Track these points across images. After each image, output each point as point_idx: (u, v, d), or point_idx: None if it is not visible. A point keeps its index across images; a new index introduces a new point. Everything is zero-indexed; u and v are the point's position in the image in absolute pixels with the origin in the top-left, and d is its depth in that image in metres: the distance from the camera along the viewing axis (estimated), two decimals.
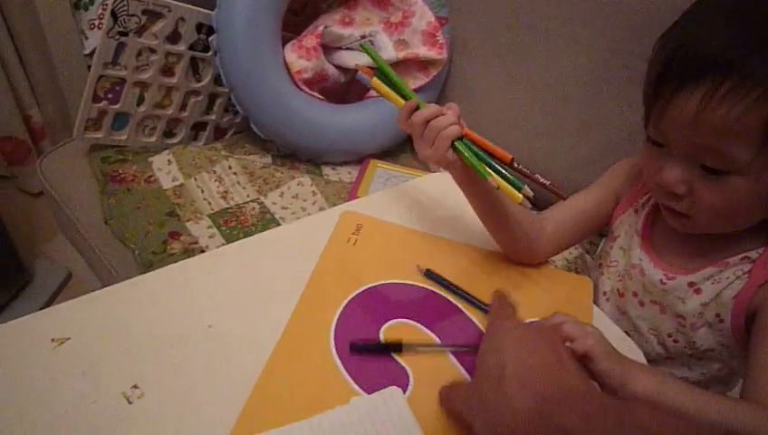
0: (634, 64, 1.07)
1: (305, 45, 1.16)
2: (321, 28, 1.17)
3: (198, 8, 1.11)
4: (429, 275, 0.66)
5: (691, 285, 0.63)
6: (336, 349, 0.59)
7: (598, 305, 0.71)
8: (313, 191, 1.13)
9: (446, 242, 0.74)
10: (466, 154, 0.60)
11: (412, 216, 0.77)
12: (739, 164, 0.51)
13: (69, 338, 0.58)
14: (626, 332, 0.67)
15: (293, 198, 1.11)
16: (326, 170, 1.22)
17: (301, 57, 1.15)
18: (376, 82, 0.64)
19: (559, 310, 0.59)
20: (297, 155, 1.22)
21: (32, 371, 0.55)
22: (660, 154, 0.57)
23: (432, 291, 0.67)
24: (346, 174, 1.22)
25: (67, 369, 0.55)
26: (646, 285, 0.67)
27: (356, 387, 0.56)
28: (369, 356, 0.59)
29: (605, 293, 0.73)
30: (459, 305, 0.66)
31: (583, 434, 0.37)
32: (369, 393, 0.55)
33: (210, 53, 1.15)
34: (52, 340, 0.58)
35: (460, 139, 0.60)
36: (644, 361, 0.62)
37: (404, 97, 0.63)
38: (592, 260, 0.99)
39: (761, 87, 0.48)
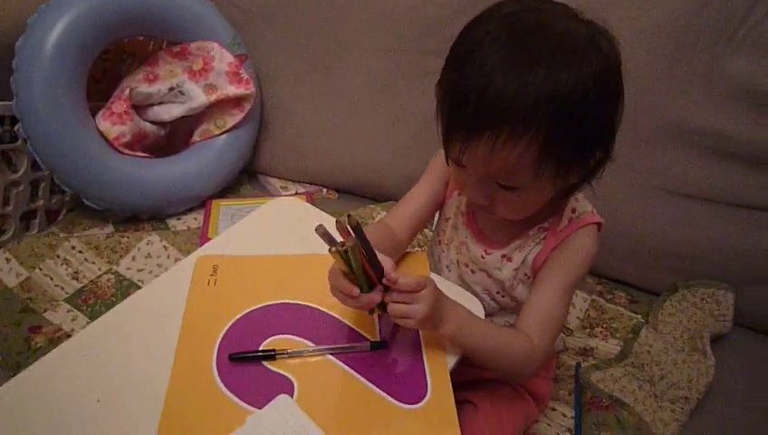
0: (423, 60, 1.24)
1: (115, 111, 1.18)
2: (126, 91, 1.20)
3: None
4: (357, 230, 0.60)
5: (504, 256, 0.78)
6: (221, 380, 0.66)
7: (441, 275, 0.84)
8: (164, 246, 1.16)
9: (297, 258, 0.82)
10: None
11: (262, 243, 0.85)
12: (523, 183, 0.64)
13: None
14: None
15: (146, 257, 1.14)
16: (171, 222, 1.25)
17: (114, 123, 1.17)
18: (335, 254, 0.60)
19: None
20: (138, 216, 1.24)
21: None
22: (462, 172, 0.69)
23: (302, 305, 0.75)
24: (192, 221, 1.26)
25: None
26: (472, 258, 0.81)
27: (247, 407, 0.63)
28: (250, 370, 0.67)
29: (447, 266, 0.86)
30: (329, 312, 0.74)
31: None
32: (261, 408, 0.62)
33: (20, 142, 1.14)
34: None
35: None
36: (482, 310, 0.76)
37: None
38: (430, 232, 1.13)
39: (528, 133, 0.60)
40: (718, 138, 1.02)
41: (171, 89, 1.25)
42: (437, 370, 0.68)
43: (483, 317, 0.75)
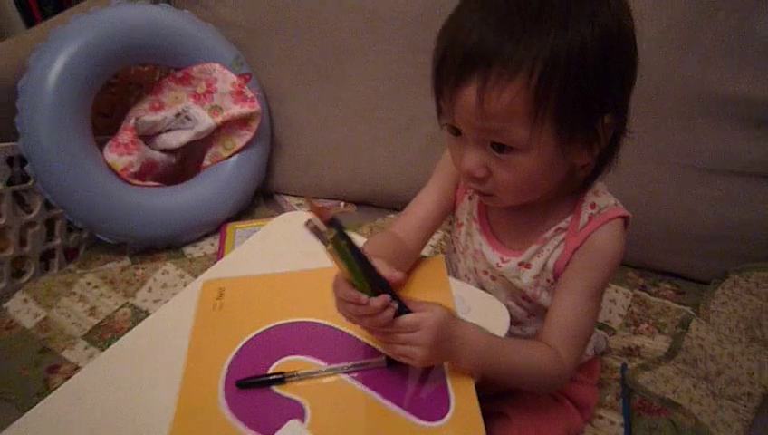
0: (430, 62, 1.18)
1: (121, 142, 1.16)
2: (132, 121, 1.18)
3: (2, 144, 1.08)
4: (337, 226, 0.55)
5: (521, 263, 0.71)
6: (229, 408, 0.61)
7: None
8: (180, 274, 1.13)
9: (304, 274, 0.77)
10: None
11: (269, 261, 0.81)
12: (520, 141, 0.58)
13: None
14: None
15: (162, 288, 1.10)
16: (188, 250, 1.22)
17: (121, 154, 1.15)
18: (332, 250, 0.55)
19: (419, 288, 0.68)
20: (155, 246, 1.21)
21: None
22: (459, 141, 0.63)
23: (312, 322, 0.70)
24: (209, 246, 1.22)
25: None
26: (489, 265, 0.75)
27: None
28: (259, 396, 0.62)
29: (465, 274, 0.80)
30: (341, 328, 0.68)
31: None
32: None
33: (31, 182, 1.13)
34: None
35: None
36: (507, 319, 0.70)
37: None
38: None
39: (519, 72, 0.54)
40: (753, 105, 0.94)
41: (177, 115, 1.23)
42: (461, 382, 0.62)
43: (507, 326, 0.69)
